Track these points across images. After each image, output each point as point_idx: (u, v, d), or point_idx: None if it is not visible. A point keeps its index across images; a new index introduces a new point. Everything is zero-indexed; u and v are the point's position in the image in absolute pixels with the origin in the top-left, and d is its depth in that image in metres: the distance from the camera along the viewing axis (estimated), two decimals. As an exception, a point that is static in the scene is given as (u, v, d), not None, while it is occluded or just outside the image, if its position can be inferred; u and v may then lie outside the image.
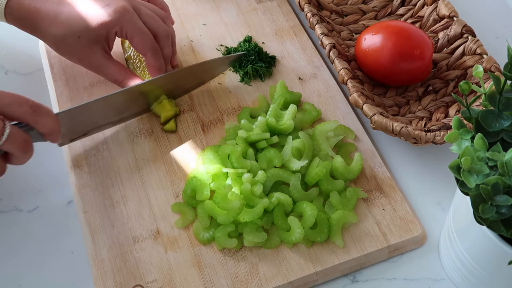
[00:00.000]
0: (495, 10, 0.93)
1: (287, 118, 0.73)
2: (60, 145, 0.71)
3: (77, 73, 0.80)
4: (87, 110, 0.70)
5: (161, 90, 0.75)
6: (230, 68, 0.82)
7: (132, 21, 0.72)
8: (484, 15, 0.90)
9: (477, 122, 0.53)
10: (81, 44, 0.72)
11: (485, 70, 0.74)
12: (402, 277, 0.67)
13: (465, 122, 0.62)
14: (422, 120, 0.76)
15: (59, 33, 0.72)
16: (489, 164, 0.50)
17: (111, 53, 0.76)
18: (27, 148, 0.61)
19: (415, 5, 0.86)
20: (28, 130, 0.62)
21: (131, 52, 0.80)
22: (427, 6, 0.85)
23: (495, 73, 0.68)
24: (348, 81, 0.74)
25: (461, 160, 0.49)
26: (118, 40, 0.81)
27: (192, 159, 0.73)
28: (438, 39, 0.82)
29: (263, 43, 0.85)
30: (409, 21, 0.85)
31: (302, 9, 0.82)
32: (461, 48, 0.79)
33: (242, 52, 0.81)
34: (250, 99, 0.79)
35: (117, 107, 0.73)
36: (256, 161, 0.71)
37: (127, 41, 0.80)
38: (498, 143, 0.51)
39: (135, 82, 0.74)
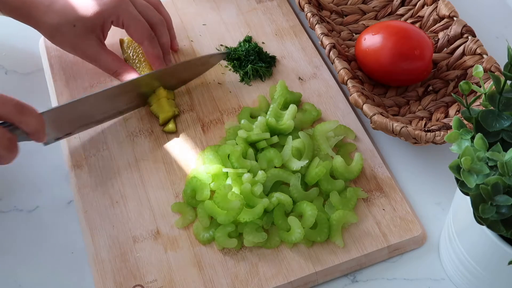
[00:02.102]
0: (495, 10, 0.92)
1: (287, 118, 0.73)
2: (45, 144, 0.69)
3: (77, 73, 0.80)
4: (73, 109, 0.69)
5: (157, 82, 0.75)
6: (230, 68, 0.82)
7: (128, 10, 0.73)
8: (484, 15, 0.90)
9: (477, 122, 0.53)
10: (76, 33, 0.72)
11: (485, 70, 0.74)
12: (402, 277, 0.67)
13: (465, 122, 0.62)
14: (422, 120, 0.76)
15: (54, 21, 0.72)
16: (489, 164, 0.50)
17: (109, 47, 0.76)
18: (12, 148, 0.61)
19: (415, 5, 0.86)
20: (13, 130, 0.61)
21: (130, 52, 0.80)
22: (427, 6, 0.85)
23: (495, 73, 0.68)
24: (348, 81, 0.74)
25: (461, 160, 0.49)
26: (117, 41, 0.81)
27: (192, 159, 0.73)
28: (438, 39, 0.82)
29: (263, 43, 0.84)
30: (409, 21, 0.85)
31: (302, 9, 0.82)
32: (461, 48, 0.79)
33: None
34: (250, 99, 0.79)
35: (109, 102, 0.73)
36: (256, 161, 0.71)
37: (126, 41, 0.81)
38: (498, 143, 0.51)
39: (129, 72, 0.74)
